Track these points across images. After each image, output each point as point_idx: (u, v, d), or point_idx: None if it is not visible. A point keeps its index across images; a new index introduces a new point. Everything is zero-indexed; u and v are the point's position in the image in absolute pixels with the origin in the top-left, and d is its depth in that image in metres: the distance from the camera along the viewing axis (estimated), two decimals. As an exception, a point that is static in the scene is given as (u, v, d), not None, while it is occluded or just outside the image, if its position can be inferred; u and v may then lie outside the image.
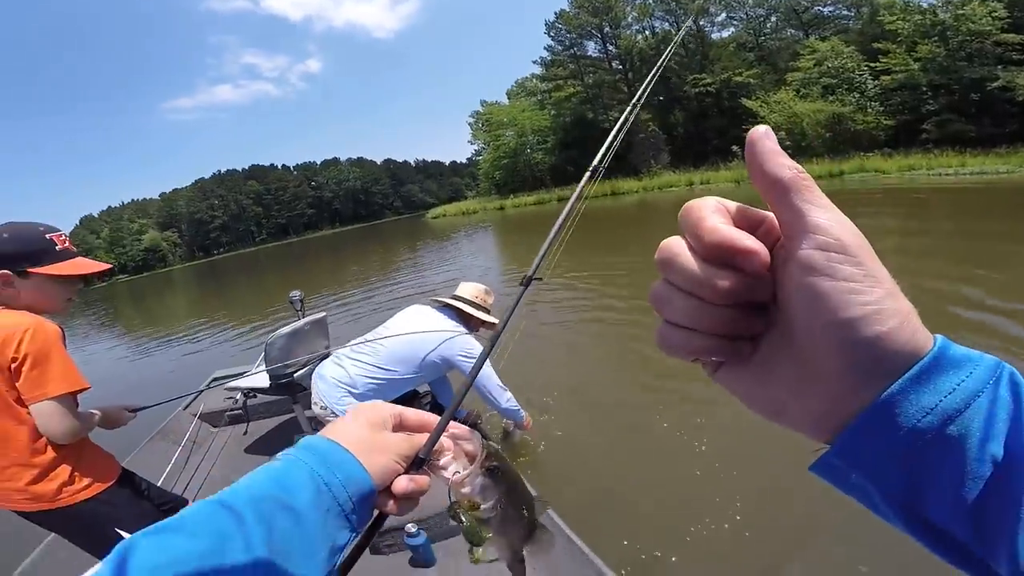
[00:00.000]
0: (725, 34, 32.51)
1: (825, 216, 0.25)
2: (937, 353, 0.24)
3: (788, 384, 0.28)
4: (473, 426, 2.92)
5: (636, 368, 4.10)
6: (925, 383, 0.23)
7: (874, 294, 0.24)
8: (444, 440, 0.54)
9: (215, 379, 3.93)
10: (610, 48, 35.21)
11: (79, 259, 1.51)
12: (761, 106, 24.87)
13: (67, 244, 1.49)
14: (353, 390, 2.49)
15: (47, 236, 1.44)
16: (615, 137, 1.18)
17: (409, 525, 1.94)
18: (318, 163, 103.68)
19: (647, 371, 3.90)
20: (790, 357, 0.27)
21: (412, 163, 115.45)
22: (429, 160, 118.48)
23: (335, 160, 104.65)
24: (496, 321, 2.86)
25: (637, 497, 2.54)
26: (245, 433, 3.41)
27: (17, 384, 1.35)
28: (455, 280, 9.91)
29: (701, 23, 31.72)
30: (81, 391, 1.46)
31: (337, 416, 2.43)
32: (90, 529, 1.55)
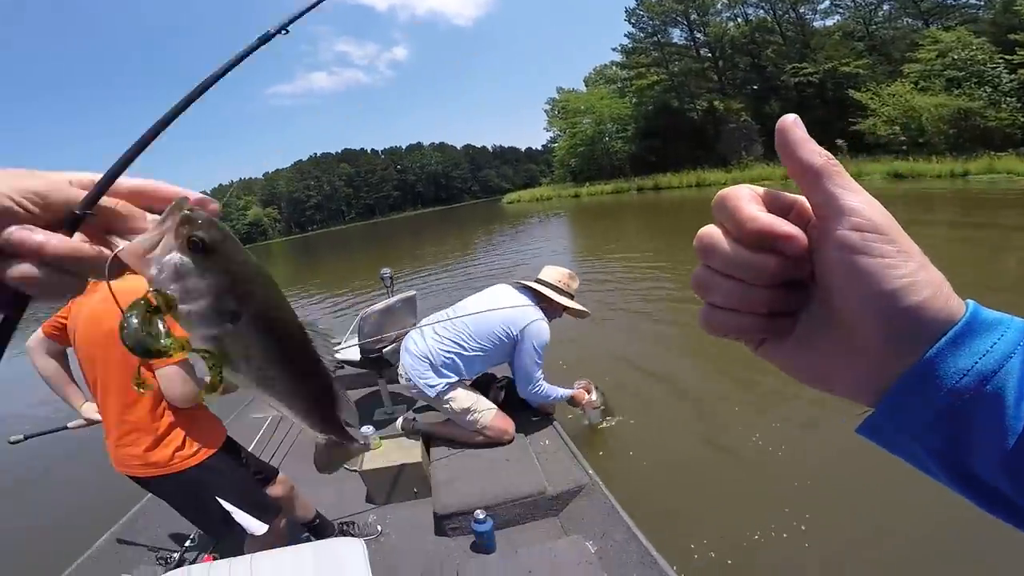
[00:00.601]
0: (829, 22, 29.76)
1: (857, 199, 0.26)
2: (969, 318, 0.25)
3: (829, 354, 0.29)
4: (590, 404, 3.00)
5: (716, 362, 4.07)
6: (961, 346, 0.25)
7: (908, 267, 0.25)
8: (146, 215, 0.36)
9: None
10: (697, 36, 33.40)
11: None
12: (872, 98, 22.62)
13: None
14: (432, 361, 2.59)
15: None
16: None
17: (478, 512, 1.97)
18: (403, 147, 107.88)
19: (727, 366, 3.88)
20: (830, 328, 0.29)
21: (490, 148, 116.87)
22: (505, 146, 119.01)
23: (418, 145, 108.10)
24: (582, 308, 2.81)
25: (703, 494, 2.55)
26: None
27: None
28: (525, 264, 10.24)
29: (801, 11, 29.26)
30: None
31: (421, 391, 2.62)
32: (193, 496, 1.58)
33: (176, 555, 2.11)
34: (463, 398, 2.60)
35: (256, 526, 1.57)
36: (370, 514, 2.33)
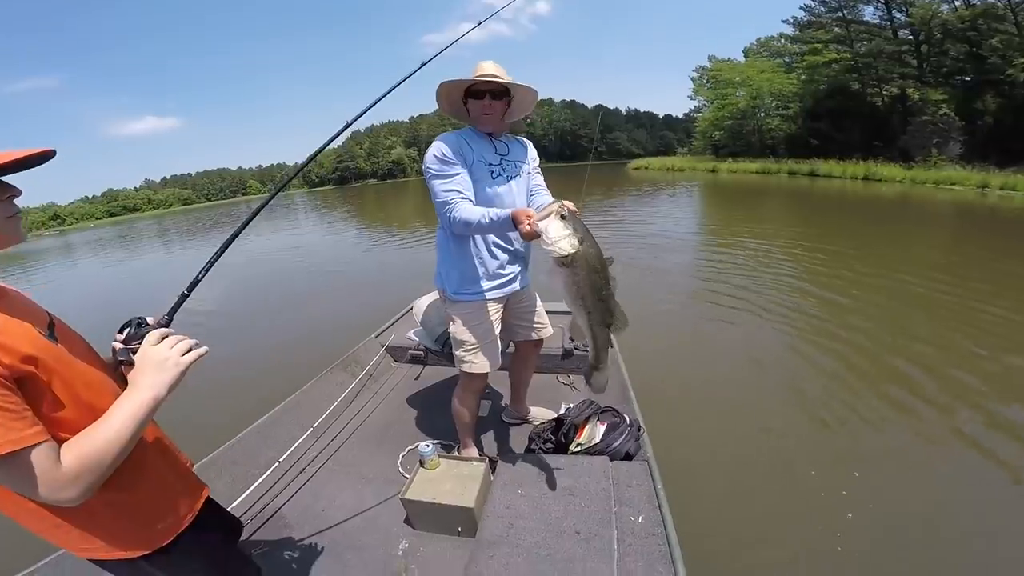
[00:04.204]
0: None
1: None
2: None
3: None
4: None
5: (806, 376, 3.69)
6: None
7: None
8: None
9: (411, 309, 3.62)
10: (896, 15, 27.77)
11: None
12: None
13: None
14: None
15: None
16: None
17: None
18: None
19: (814, 382, 3.58)
20: None
21: (623, 111, 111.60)
22: (642, 111, 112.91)
23: (549, 100, 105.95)
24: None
25: (735, 489, 2.51)
26: (417, 378, 3.22)
27: None
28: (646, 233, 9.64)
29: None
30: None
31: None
32: None
33: None
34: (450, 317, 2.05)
35: None
36: (403, 540, 1.90)
